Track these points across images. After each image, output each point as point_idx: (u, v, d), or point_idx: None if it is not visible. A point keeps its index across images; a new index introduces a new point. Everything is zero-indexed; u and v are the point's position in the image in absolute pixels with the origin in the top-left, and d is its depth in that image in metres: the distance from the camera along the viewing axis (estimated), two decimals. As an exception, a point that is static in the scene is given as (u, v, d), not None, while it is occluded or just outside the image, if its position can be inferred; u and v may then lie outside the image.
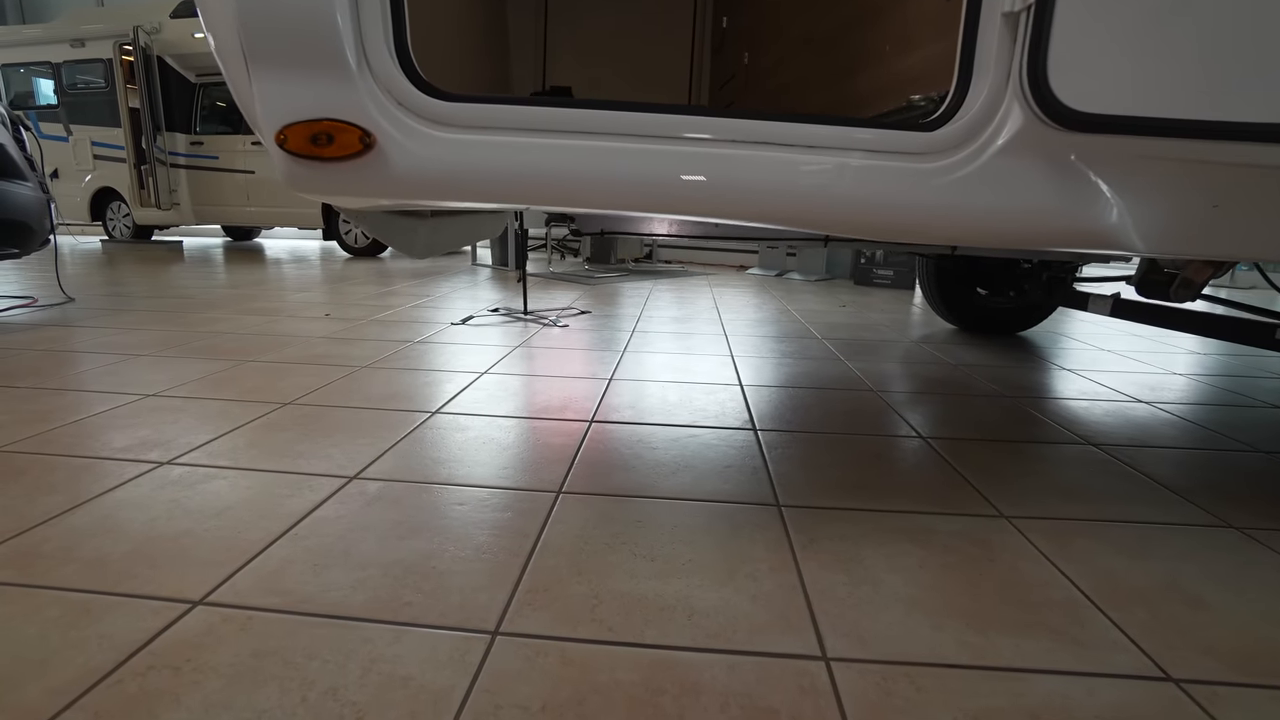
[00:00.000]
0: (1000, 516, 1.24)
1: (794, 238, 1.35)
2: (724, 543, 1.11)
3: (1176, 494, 1.38)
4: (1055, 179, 0.81)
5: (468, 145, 0.82)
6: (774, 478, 1.38)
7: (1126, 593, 1.00)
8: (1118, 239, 0.91)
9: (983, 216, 0.82)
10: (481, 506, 1.22)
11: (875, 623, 0.91)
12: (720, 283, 5.25)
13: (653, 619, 0.90)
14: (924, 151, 0.80)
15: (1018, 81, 0.75)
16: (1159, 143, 0.78)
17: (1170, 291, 1.48)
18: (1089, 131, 0.76)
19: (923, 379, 2.28)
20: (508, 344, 2.65)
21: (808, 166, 0.79)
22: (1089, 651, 0.86)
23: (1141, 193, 0.85)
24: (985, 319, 3.17)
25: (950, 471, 1.45)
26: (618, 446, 1.54)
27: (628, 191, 0.80)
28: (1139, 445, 1.67)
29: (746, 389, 2.07)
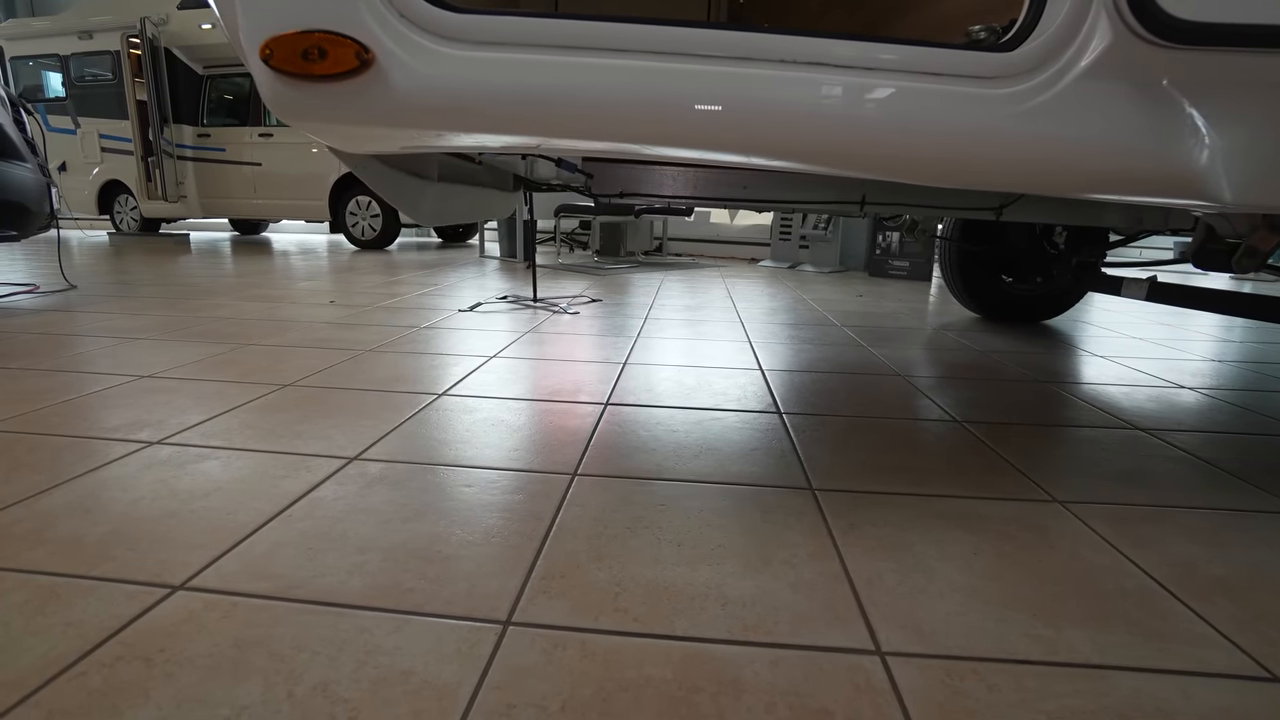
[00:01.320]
0: (1054, 501, 1.14)
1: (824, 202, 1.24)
2: (755, 528, 1.02)
3: (1240, 479, 1.27)
4: (1145, 109, 0.71)
5: (478, 64, 0.72)
6: (804, 460, 1.29)
7: (1207, 582, 0.90)
8: (1207, 187, 0.81)
9: (1059, 153, 0.72)
10: (491, 489, 1.13)
11: (932, 614, 0.81)
12: (732, 274, 5.15)
13: (682, 609, 0.81)
14: (998, 75, 0.70)
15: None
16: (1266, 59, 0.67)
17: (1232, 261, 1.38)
18: (1195, 45, 0.66)
19: (949, 364, 2.17)
20: (517, 329, 2.56)
21: (867, 92, 0.70)
22: (1175, 647, 0.76)
23: (1239, 128, 0.75)
24: (1010, 306, 3.05)
25: (993, 455, 1.35)
26: (635, 429, 1.45)
27: (653, 117, 0.70)
28: (1191, 430, 1.56)
29: (767, 373, 1.97)
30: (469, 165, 1.61)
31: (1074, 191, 0.78)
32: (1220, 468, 1.33)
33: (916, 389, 1.85)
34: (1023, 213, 1.88)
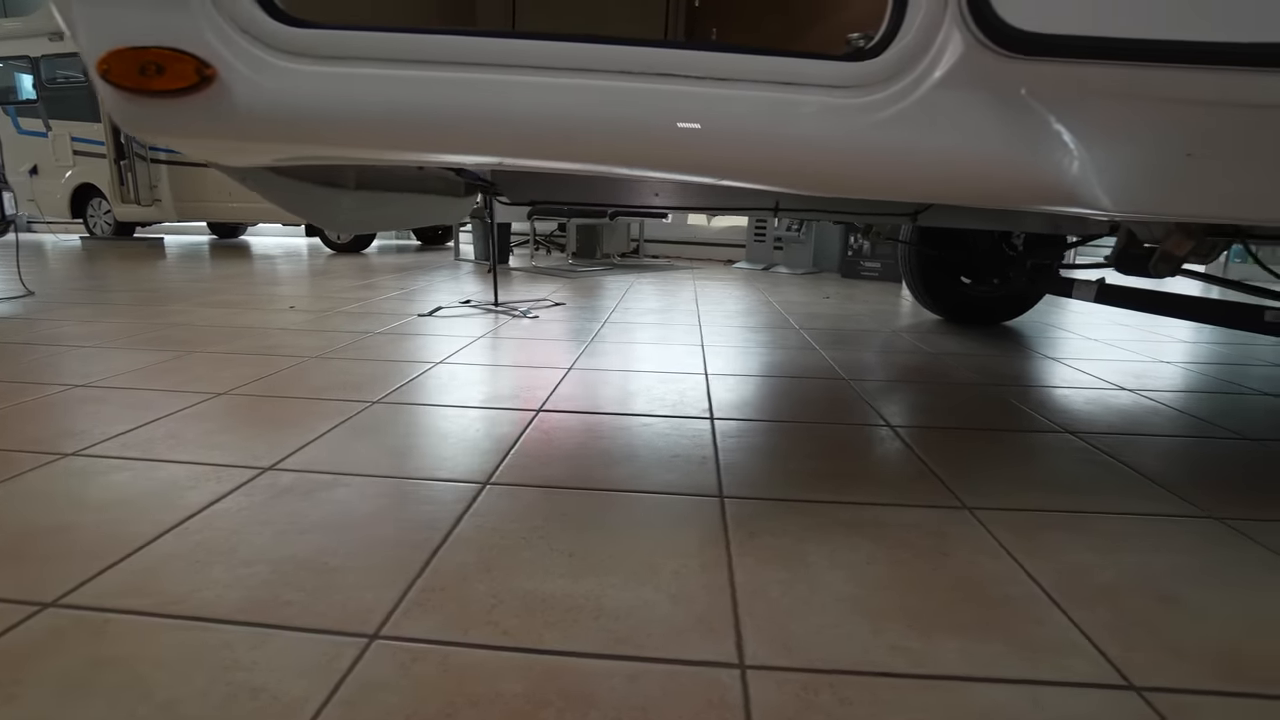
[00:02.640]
0: (963, 508, 1.14)
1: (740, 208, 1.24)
2: (654, 537, 1.01)
3: (1157, 484, 1.28)
4: (1005, 118, 0.72)
5: (322, 78, 0.71)
6: (722, 468, 1.28)
7: (1093, 590, 0.91)
8: (1081, 195, 0.81)
9: (920, 162, 0.72)
10: (399, 499, 1.12)
11: (806, 626, 0.81)
12: (705, 276, 5.15)
13: (556, 621, 0.80)
14: (851, 85, 0.70)
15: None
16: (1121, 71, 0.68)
17: (1149, 266, 1.39)
18: (1038, 56, 0.66)
19: (899, 367, 2.18)
20: (471, 335, 2.55)
21: (713, 103, 0.69)
22: (1043, 656, 0.76)
23: (1105, 137, 0.75)
24: (970, 308, 3.07)
25: (915, 461, 1.35)
26: (562, 437, 1.44)
27: (499, 133, 0.69)
28: (1120, 433, 1.57)
29: (711, 378, 1.97)
30: (408, 171, 1.60)
31: (943, 199, 0.78)
32: (1139, 471, 1.34)
33: (858, 394, 1.85)
34: (936, 218, 1.89)
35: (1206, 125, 0.77)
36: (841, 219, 2.14)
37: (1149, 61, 0.67)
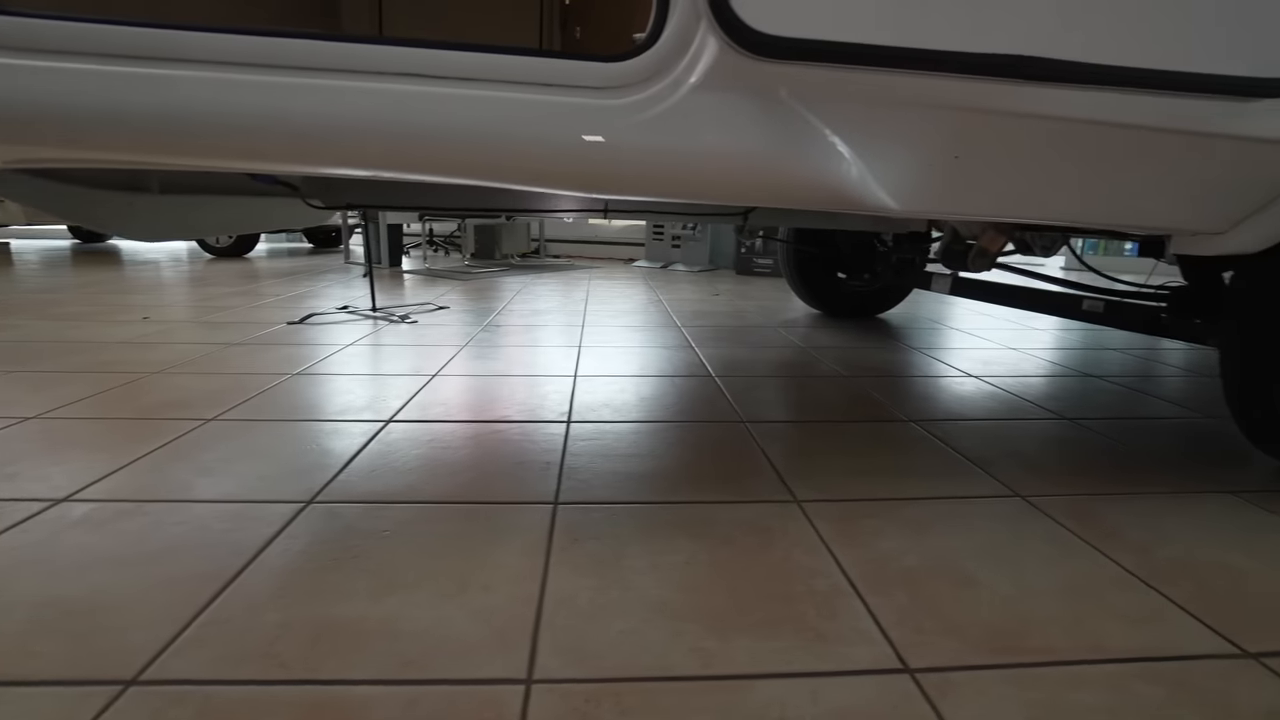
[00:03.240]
0: (793, 501, 1.17)
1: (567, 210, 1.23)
2: (473, 550, 0.98)
3: (978, 466, 1.36)
4: (769, 120, 0.73)
5: (18, 74, 0.64)
6: (564, 473, 1.27)
7: (895, 576, 0.94)
8: (863, 196, 0.84)
9: (689, 162, 0.73)
10: (204, 526, 1.04)
11: (605, 634, 0.80)
12: (602, 275, 5.14)
13: (343, 648, 0.76)
14: (611, 86, 0.70)
15: (705, 0, 0.65)
16: (875, 76, 0.70)
17: (968, 262, 1.47)
18: (783, 59, 0.67)
19: (768, 363, 2.23)
20: (339, 343, 2.43)
21: (469, 104, 0.67)
22: (831, 648, 0.79)
23: (874, 140, 0.78)
24: (845, 302, 3.19)
25: (758, 456, 1.38)
26: (406, 448, 1.38)
27: (219, 137, 0.65)
28: (956, 419, 1.66)
29: (580, 380, 1.95)
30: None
31: (719, 198, 0.79)
32: (965, 455, 1.41)
33: (720, 390, 1.88)
34: (762, 219, 1.95)
35: (967, 130, 0.81)
36: (668, 219, 2.16)
37: (898, 68, 0.69)
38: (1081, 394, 1.94)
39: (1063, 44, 0.69)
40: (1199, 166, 0.91)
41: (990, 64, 0.68)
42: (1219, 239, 1.11)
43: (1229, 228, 1.09)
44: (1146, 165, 0.88)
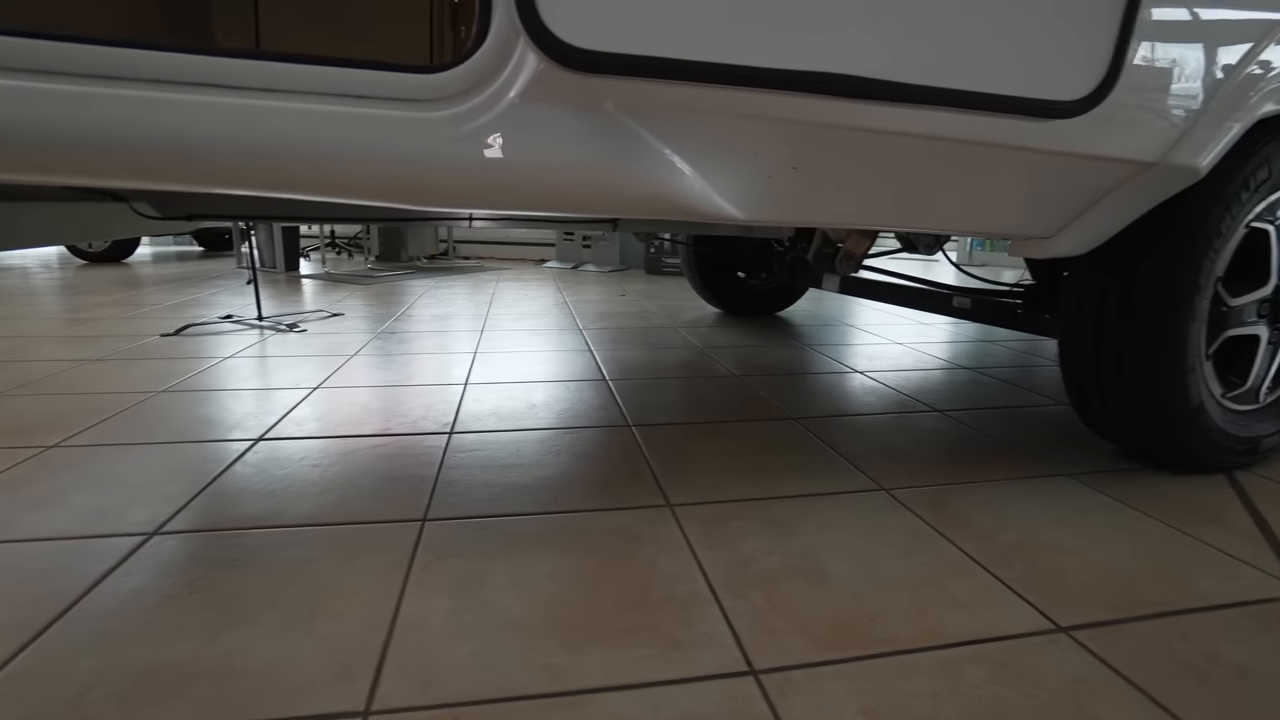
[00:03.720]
0: (666, 506, 1.18)
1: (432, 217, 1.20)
2: (329, 575, 0.94)
3: (850, 461, 1.41)
4: (598, 134, 0.73)
5: None
6: (438, 488, 1.24)
7: (755, 577, 0.97)
8: (707, 207, 0.85)
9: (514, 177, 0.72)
10: (24, 566, 0.95)
11: (452, 656, 0.78)
12: (511, 277, 5.07)
13: (163, 695, 0.71)
14: (428, 98, 0.68)
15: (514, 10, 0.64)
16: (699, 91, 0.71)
17: (835, 264, 1.54)
18: (604, 74, 0.67)
19: (664, 365, 2.25)
20: (215, 356, 2.29)
21: (274, 116, 0.64)
22: (683, 654, 0.80)
23: (708, 153, 0.79)
24: (746, 301, 3.26)
25: (639, 461, 1.39)
26: (272, 468, 1.32)
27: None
28: (836, 415, 1.72)
29: (471, 388, 1.91)
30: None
31: (554, 211, 0.79)
32: (838, 450, 1.46)
33: (612, 394, 1.88)
34: (633, 225, 1.99)
35: (801, 142, 0.83)
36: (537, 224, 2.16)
37: (719, 84, 0.71)
38: (955, 386, 2.05)
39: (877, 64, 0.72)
40: (1019, 178, 0.98)
41: (805, 81, 0.71)
42: (1049, 243, 1.19)
43: (1056, 232, 1.18)
44: (971, 176, 0.94)
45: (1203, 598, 0.95)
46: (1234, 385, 1.36)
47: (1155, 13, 0.90)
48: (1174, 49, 0.94)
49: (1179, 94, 0.99)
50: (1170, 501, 1.26)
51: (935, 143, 0.84)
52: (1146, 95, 0.94)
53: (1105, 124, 0.90)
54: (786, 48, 0.70)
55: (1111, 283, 1.27)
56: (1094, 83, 0.78)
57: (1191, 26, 0.95)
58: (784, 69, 0.70)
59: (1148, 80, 0.92)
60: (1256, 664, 0.81)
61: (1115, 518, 1.19)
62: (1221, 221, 1.20)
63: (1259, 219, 1.28)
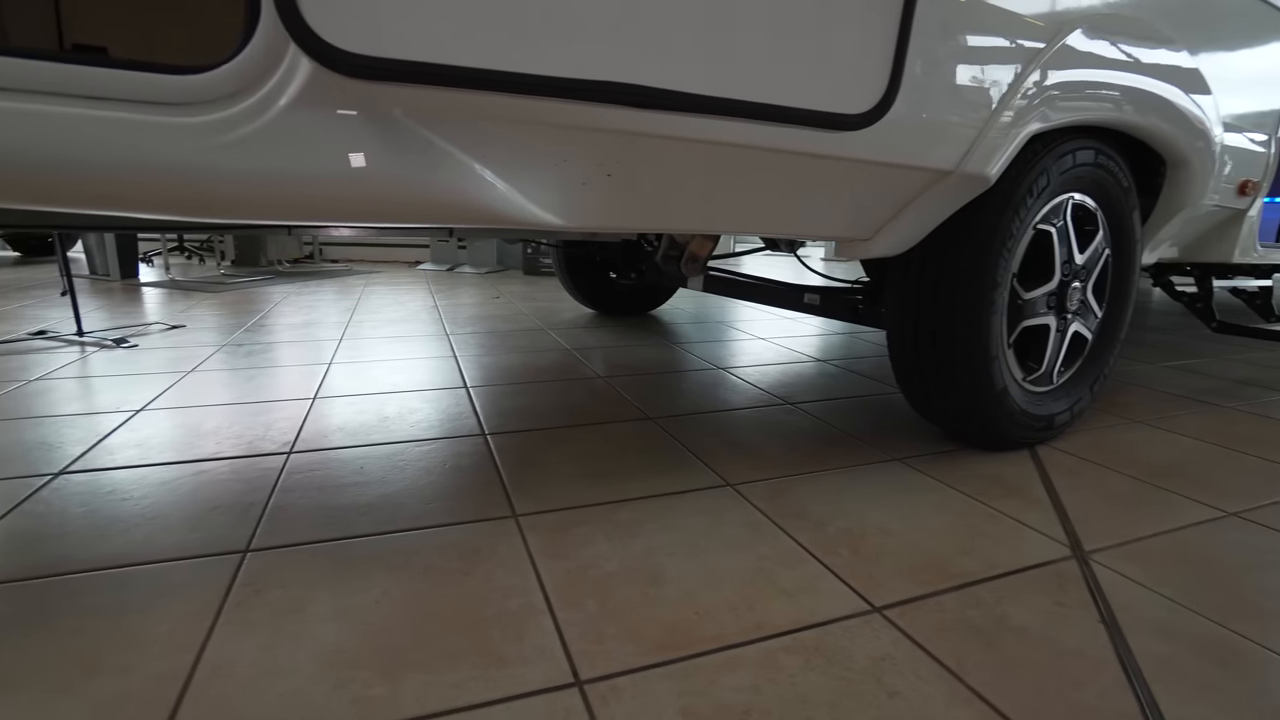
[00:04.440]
0: (510, 517, 1.16)
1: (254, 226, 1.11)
2: (121, 624, 0.85)
3: (700, 458, 1.45)
4: (386, 141, 0.70)
5: None
6: (267, 514, 1.15)
7: (593, 584, 0.97)
8: (520, 214, 0.84)
9: (296, 186, 0.68)
10: None
11: (258, 702, 0.73)
12: (382, 281, 4.85)
13: (-110, 786, 0.62)
14: (188, 101, 0.63)
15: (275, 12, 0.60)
16: (492, 99, 0.70)
17: (680, 266, 1.58)
18: (378, 80, 0.65)
19: (529, 369, 2.23)
20: (18, 379, 2.03)
21: (19, 119, 0.57)
22: (507, 673, 0.78)
23: (513, 160, 0.78)
24: (617, 301, 3.29)
25: (490, 471, 1.36)
26: (71, 506, 1.18)
27: None
28: (693, 413, 1.76)
29: (319, 402, 1.81)
30: None
31: (349, 220, 0.75)
32: (690, 449, 1.50)
33: (471, 402, 1.83)
34: (472, 232, 1.98)
35: (609, 149, 0.84)
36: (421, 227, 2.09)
37: (511, 92, 0.70)
38: (811, 379, 2.16)
39: (668, 75, 0.74)
40: (827, 184, 1.03)
41: (591, 90, 0.71)
42: (867, 244, 1.27)
43: (873, 235, 1.26)
44: (780, 182, 0.98)
45: (997, 566, 1.05)
46: (1032, 370, 1.51)
47: (930, 36, 0.98)
48: (951, 70, 1.03)
49: (963, 110, 1.08)
50: (981, 478, 1.38)
51: (742, 150, 0.87)
52: (931, 110, 1.02)
53: (897, 134, 0.96)
54: (574, 57, 0.69)
55: (925, 280, 1.37)
56: (875, 99, 0.84)
57: (965, 51, 1.04)
58: (571, 78, 0.70)
59: (929, 97, 1.00)
60: (1033, 623, 0.90)
61: (933, 497, 1.29)
62: (1012, 224, 1.33)
63: (1043, 221, 1.42)
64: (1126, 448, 1.60)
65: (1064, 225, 1.46)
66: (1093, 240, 1.54)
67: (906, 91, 0.92)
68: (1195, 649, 0.86)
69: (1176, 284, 2.20)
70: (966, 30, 1.03)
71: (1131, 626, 0.91)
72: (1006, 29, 1.10)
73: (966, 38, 1.02)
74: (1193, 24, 1.54)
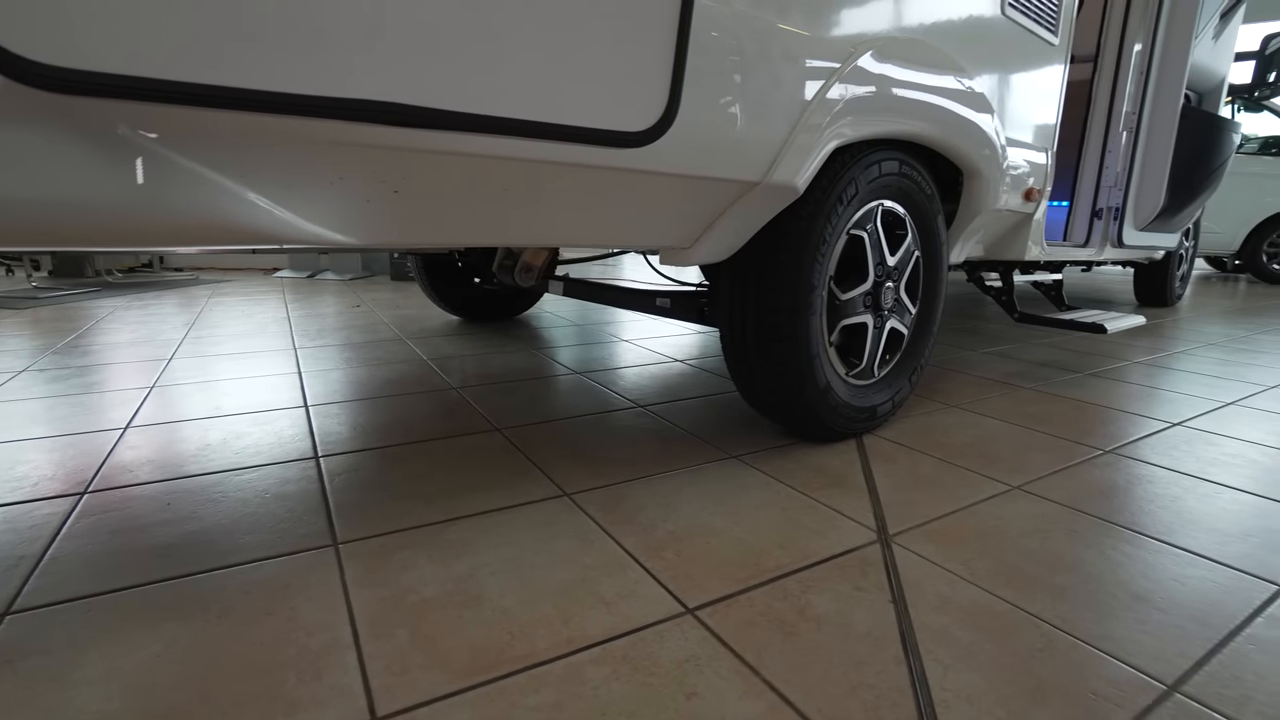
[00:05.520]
0: (331, 546, 1.11)
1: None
2: None
3: (541, 468, 1.44)
4: (110, 160, 0.64)
5: None
6: (40, 569, 1.04)
7: (407, 612, 0.94)
8: (296, 234, 0.80)
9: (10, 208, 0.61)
10: None
11: (-11, 787, 0.65)
12: (233, 290, 4.50)
13: None
14: None
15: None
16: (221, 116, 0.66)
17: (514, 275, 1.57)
18: (81, 95, 0.59)
19: (379, 383, 2.14)
20: None
21: None
22: (302, 714, 0.74)
23: (277, 179, 0.74)
24: (482, 306, 3.22)
25: (317, 498, 1.29)
26: None
27: None
28: (542, 422, 1.75)
29: (131, 432, 1.65)
30: None
31: (89, 245, 0.69)
32: (534, 460, 1.49)
33: (308, 423, 1.74)
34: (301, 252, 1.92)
35: (395, 168, 0.81)
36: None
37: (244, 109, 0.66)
38: (665, 380, 2.20)
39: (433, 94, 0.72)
40: (631, 197, 1.06)
41: (337, 108, 0.68)
42: (688, 253, 1.31)
43: (692, 244, 1.30)
44: (583, 196, 1.00)
45: (809, 556, 1.12)
46: (854, 365, 1.62)
47: (714, 56, 1.01)
48: (744, 89, 1.08)
49: (760, 125, 1.13)
50: (809, 470, 1.47)
51: (532, 165, 0.87)
52: (723, 126, 1.06)
53: (689, 149, 1.00)
54: (318, 72, 0.66)
55: (749, 285, 1.43)
56: (654, 117, 0.86)
57: (757, 71, 1.09)
58: (308, 96, 0.67)
59: (721, 115, 1.04)
60: (832, 610, 0.97)
61: (763, 493, 1.35)
62: (825, 230, 1.41)
63: (856, 227, 1.52)
64: (940, 431, 1.75)
65: (875, 230, 1.57)
66: (903, 243, 1.66)
67: (692, 110, 0.95)
68: (965, 618, 0.95)
69: (986, 279, 2.43)
70: (756, 51, 1.08)
71: (916, 603, 0.99)
72: (798, 51, 1.17)
73: (756, 59, 1.07)
74: (978, 52, 1.70)
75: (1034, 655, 0.88)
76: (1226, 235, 6.53)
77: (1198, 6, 2.55)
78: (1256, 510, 1.32)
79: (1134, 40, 2.55)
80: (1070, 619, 0.96)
